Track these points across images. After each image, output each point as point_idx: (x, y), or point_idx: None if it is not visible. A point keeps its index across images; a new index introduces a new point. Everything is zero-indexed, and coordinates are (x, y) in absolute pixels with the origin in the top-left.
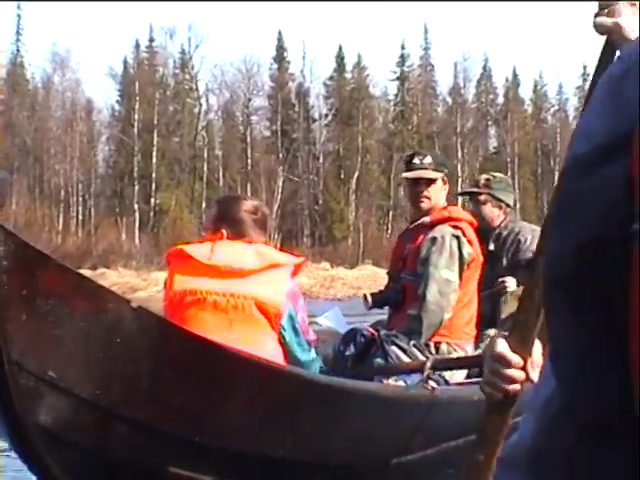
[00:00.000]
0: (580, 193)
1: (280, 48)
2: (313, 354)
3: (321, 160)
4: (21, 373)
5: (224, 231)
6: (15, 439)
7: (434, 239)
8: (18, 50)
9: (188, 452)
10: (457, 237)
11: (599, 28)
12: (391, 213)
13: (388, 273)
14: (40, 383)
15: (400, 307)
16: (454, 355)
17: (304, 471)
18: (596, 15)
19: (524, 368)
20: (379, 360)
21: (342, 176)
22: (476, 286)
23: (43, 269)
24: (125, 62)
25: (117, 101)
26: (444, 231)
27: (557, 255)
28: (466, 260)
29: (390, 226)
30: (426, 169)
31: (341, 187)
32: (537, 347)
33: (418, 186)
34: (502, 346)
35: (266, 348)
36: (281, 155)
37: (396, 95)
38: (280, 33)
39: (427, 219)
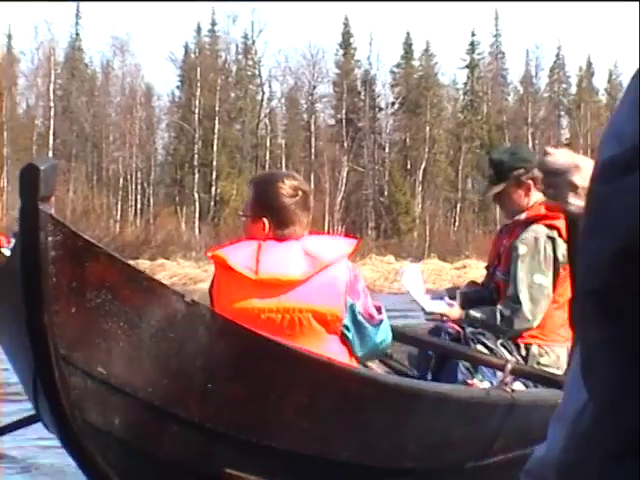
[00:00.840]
0: (611, 199)
1: (346, 34)
2: (381, 334)
3: (387, 150)
4: (69, 368)
5: (265, 221)
6: (64, 436)
7: (527, 240)
8: (77, 34)
9: (244, 453)
10: (552, 239)
11: None
12: (459, 206)
13: (486, 267)
14: (89, 379)
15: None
16: (545, 359)
17: (370, 475)
18: None
19: None
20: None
21: (408, 167)
22: None
23: (93, 260)
24: (186, 47)
25: (177, 87)
26: (538, 232)
27: (591, 266)
28: (561, 262)
29: (457, 219)
30: (492, 184)
31: (407, 178)
32: None
33: (498, 198)
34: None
35: (330, 353)
36: (346, 144)
37: (465, 84)
38: (346, 18)
39: (523, 216)
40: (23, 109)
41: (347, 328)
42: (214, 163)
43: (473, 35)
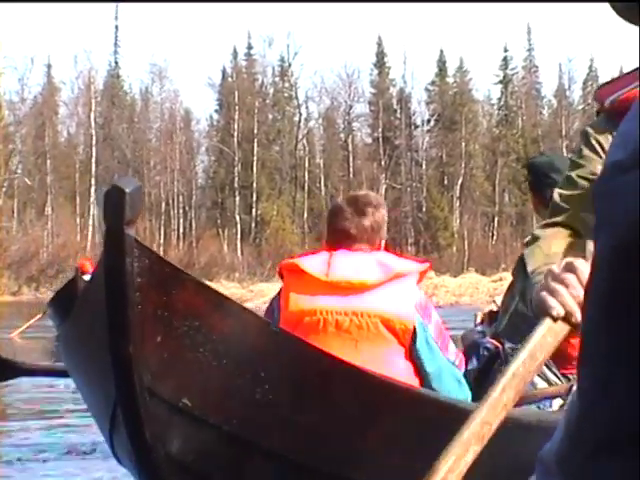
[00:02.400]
0: (612, 197)
1: (380, 53)
2: (454, 372)
3: (424, 167)
4: (153, 400)
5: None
6: (144, 470)
7: None
8: (116, 62)
9: None
10: None
11: None
12: (496, 219)
13: None
14: (173, 411)
15: None
16: None
17: None
18: None
19: None
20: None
21: (445, 182)
22: None
23: (180, 287)
24: (224, 71)
25: (216, 110)
26: None
27: (595, 264)
28: None
29: (495, 233)
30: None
31: (445, 194)
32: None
33: (535, 207)
34: (581, 263)
35: (396, 367)
36: (383, 162)
37: (499, 99)
38: (380, 38)
39: None
40: (64, 137)
41: (414, 343)
42: (254, 185)
43: (506, 51)
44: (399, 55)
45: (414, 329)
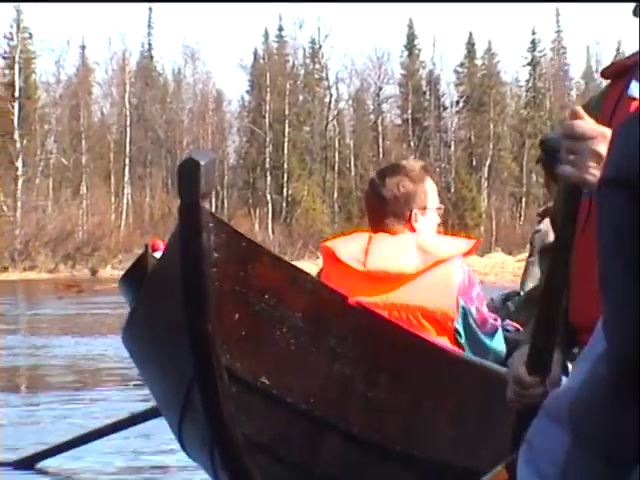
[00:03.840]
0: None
1: (410, 36)
2: (495, 343)
3: (452, 148)
4: (232, 379)
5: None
6: (220, 450)
7: None
8: (150, 44)
9: (405, 469)
10: None
11: None
12: (524, 200)
13: None
14: (251, 391)
15: None
16: None
17: None
18: None
19: (542, 383)
20: None
21: (474, 164)
22: None
23: (257, 262)
24: (255, 53)
25: (247, 91)
26: None
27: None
28: None
29: (523, 213)
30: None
31: (473, 175)
32: (556, 365)
33: (547, 186)
34: (520, 370)
35: None
36: (412, 143)
37: (527, 81)
38: (410, 21)
39: None
40: (98, 118)
41: (458, 332)
42: (285, 165)
43: (534, 33)
44: (429, 37)
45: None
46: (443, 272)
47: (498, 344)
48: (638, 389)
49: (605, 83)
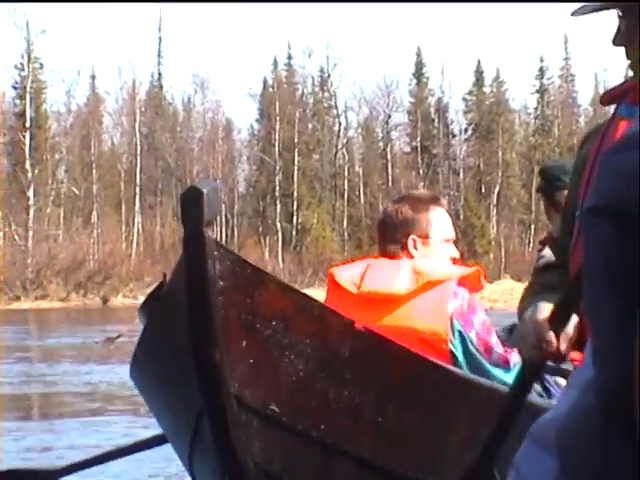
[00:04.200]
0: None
1: (419, 64)
2: (501, 373)
3: (461, 175)
4: (241, 408)
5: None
6: None
7: None
8: (160, 74)
9: None
10: None
11: None
12: (533, 227)
13: None
14: (261, 418)
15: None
16: None
17: None
18: None
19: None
20: (537, 388)
21: (483, 191)
22: None
23: (263, 289)
24: (264, 82)
25: (257, 120)
26: None
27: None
28: None
29: (532, 240)
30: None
31: (482, 202)
32: (572, 321)
33: (547, 212)
34: (544, 317)
35: None
36: (422, 171)
37: (536, 108)
38: (419, 49)
39: None
40: (108, 147)
41: (455, 357)
42: (295, 193)
43: (542, 61)
44: (437, 65)
45: (452, 338)
46: (435, 294)
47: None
48: (626, 420)
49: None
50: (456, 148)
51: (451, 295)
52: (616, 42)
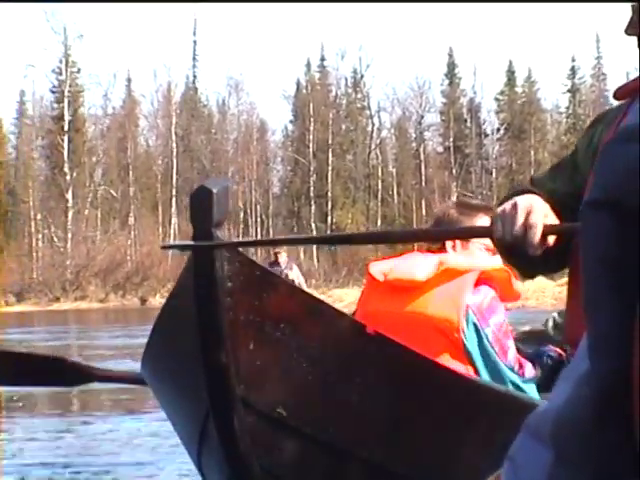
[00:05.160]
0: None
1: (451, 64)
2: (515, 378)
3: (494, 175)
4: (247, 410)
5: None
6: None
7: None
8: (195, 76)
9: None
10: None
11: None
12: None
13: None
14: (268, 421)
15: None
16: None
17: None
18: None
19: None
20: None
21: None
22: None
23: (272, 291)
24: (298, 83)
25: (290, 121)
26: None
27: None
28: None
29: None
30: None
31: None
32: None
33: None
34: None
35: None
36: (454, 171)
37: (567, 107)
38: (451, 50)
39: None
40: (144, 149)
41: (468, 350)
42: (329, 194)
43: (573, 60)
44: (469, 66)
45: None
46: (453, 283)
47: (529, 390)
48: (622, 413)
49: None
50: (488, 148)
51: (470, 287)
52: (628, 32)
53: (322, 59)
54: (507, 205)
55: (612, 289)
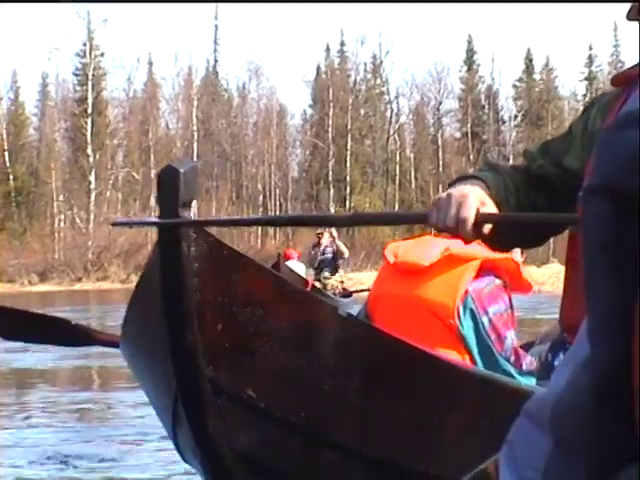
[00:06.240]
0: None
1: (470, 51)
2: (509, 367)
3: (511, 161)
4: (216, 392)
5: None
6: (209, 466)
7: None
8: (216, 60)
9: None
10: None
11: None
12: None
13: None
14: (238, 403)
15: None
16: None
17: None
18: None
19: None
20: None
21: None
22: None
23: (241, 272)
24: (318, 68)
25: (310, 106)
26: None
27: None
28: None
29: None
30: None
31: None
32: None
33: None
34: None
35: (448, 355)
36: (472, 156)
37: (584, 95)
38: (470, 37)
39: None
40: (165, 132)
41: (461, 333)
42: (347, 178)
43: (591, 49)
44: (488, 53)
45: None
46: (455, 270)
47: (526, 380)
48: (621, 399)
49: None
50: (506, 134)
51: (470, 274)
52: (630, 17)
53: (342, 44)
54: (443, 195)
55: (612, 275)
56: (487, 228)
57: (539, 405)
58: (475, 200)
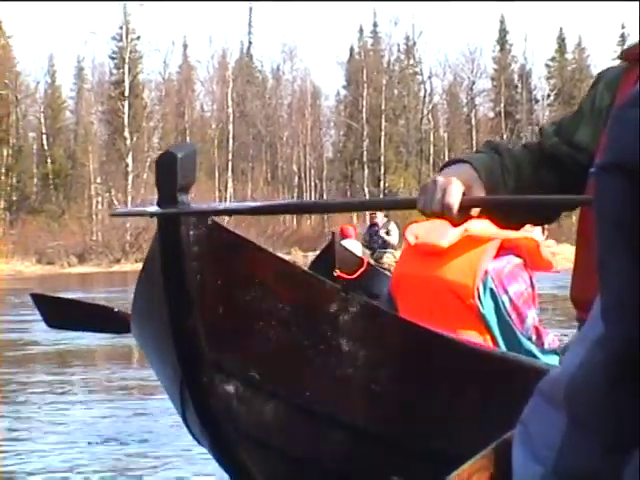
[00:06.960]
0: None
1: (502, 31)
2: (530, 346)
3: None
4: (220, 374)
5: None
6: (215, 446)
7: None
8: (250, 43)
9: (414, 460)
10: None
11: None
12: None
13: None
14: (242, 385)
15: None
16: None
17: None
18: None
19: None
20: None
21: None
22: None
23: (241, 254)
24: (351, 50)
25: (343, 87)
26: None
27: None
28: None
29: None
30: None
31: None
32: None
33: None
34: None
35: (465, 336)
36: (505, 136)
37: None
38: (502, 17)
39: None
40: (200, 114)
41: (481, 312)
42: (382, 158)
43: (623, 27)
44: (520, 33)
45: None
46: (474, 250)
47: (548, 359)
48: (636, 377)
49: None
50: (539, 113)
51: (490, 254)
52: None
53: (375, 25)
54: (429, 181)
55: (628, 252)
56: (474, 211)
57: (553, 384)
58: (459, 185)
